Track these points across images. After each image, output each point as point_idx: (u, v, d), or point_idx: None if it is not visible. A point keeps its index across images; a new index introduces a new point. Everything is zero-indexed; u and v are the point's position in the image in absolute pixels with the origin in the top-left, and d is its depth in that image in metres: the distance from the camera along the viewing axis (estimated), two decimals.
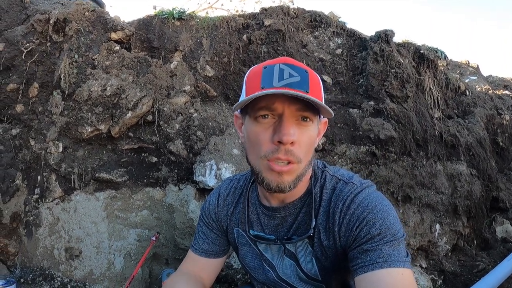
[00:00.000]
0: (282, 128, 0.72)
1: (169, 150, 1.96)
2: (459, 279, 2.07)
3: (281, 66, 0.74)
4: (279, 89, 0.70)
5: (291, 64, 0.75)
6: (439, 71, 2.51)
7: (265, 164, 0.75)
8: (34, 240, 1.90)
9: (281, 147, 0.72)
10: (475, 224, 2.46)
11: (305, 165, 0.77)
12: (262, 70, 0.76)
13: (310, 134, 0.76)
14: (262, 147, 0.75)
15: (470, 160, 2.47)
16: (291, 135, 0.71)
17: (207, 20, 2.15)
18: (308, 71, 0.75)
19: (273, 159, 0.74)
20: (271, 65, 0.76)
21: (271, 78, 0.73)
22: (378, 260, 0.70)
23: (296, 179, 0.76)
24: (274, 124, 0.74)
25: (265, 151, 0.74)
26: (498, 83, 3.56)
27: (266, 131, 0.75)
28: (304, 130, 0.75)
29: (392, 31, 2.28)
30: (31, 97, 1.95)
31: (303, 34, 2.32)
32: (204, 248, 1.00)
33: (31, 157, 1.92)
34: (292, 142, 0.72)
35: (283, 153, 0.73)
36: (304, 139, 0.75)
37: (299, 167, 0.76)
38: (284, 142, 0.71)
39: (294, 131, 0.72)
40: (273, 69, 0.74)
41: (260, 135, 0.75)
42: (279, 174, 0.75)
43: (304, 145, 0.75)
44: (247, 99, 0.72)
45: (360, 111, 2.17)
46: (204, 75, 2.12)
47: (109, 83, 1.90)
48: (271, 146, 0.74)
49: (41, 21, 1.90)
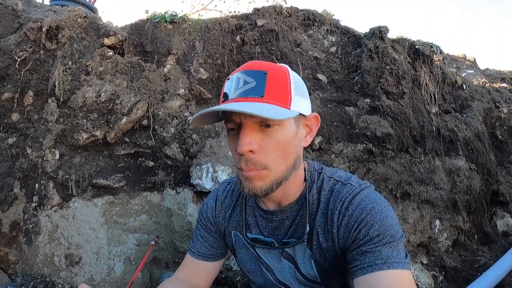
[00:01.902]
0: (239, 139, 0.73)
1: (165, 154, 1.96)
2: (461, 274, 2.06)
3: (238, 74, 0.76)
4: (232, 101, 0.73)
5: (249, 69, 0.75)
6: (435, 66, 2.50)
7: (238, 172, 0.80)
8: (34, 247, 1.91)
9: (242, 157, 0.74)
10: (475, 218, 2.44)
11: (281, 168, 0.76)
12: (225, 82, 0.78)
13: (278, 138, 0.74)
14: (234, 157, 0.79)
15: (469, 155, 2.45)
16: (245, 145, 0.72)
17: (199, 23, 2.15)
18: (267, 72, 0.74)
19: (240, 168, 0.77)
20: (233, 75, 0.78)
21: (230, 89, 0.76)
22: (377, 261, 0.70)
23: (270, 184, 0.76)
24: (237, 134, 0.76)
25: (235, 161, 0.78)
26: (495, 76, 3.53)
27: (233, 142, 0.77)
28: (269, 136, 0.74)
29: (386, 27, 2.27)
30: (26, 106, 1.95)
31: (296, 33, 2.31)
32: (202, 251, 1.01)
33: (28, 165, 1.92)
34: (252, 151, 0.73)
35: (243, 162, 0.75)
36: (270, 144, 0.74)
37: (270, 172, 0.75)
38: (239, 152, 0.73)
39: (250, 140, 0.72)
40: (233, 79, 0.76)
41: (231, 146, 0.79)
42: (249, 180, 0.76)
43: (270, 150, 0.74)
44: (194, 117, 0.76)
45: (356, 109, 2.16)
46: (198, 78, 2.12)
47: (103, 89, 1.90)
48: (237, 156, 0.76)
49: (33, 29, 1.90)
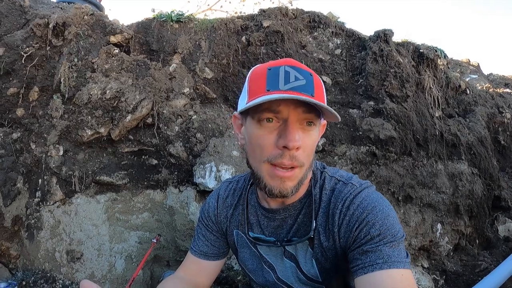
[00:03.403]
0: (288, 133, 0.70)
1: (169, 152, 1.97)
2: (461, 279, 2.06)
3: (287, 68, 0.72)
4: (286, 93, 0.68)
5: (296, 66, 0.73)
6: (439, 70, 2.50)
7: (267, 168, 0.74)
8: (35, 243, 1.91)
9: (286, 153, 0.71)
10: (477, 223, 2.44)
11: (306, 168, 0.77)
12: (266, 72, 0.73)
13: (313, 138, 0.76)
14: (265, 151, 0.73)
15: (472, 159, 2.46)
16: (297, 140, 0.70)
17: (205, 22, 2.16)
18: (312, 74, 0.74)
19: (277, 164, 0.73)
20: (275, 66, 0.73)
21: (276, 80, 0.71)
22: (378, 261, 0.70)
23: (298, 184, 0.76)
24: (279, 128, 0.72)
25: (269, 155, 0.73)
26: (499, 81, 3.54)
27: (270, 134, 0.73)
28: (309, 135, 0.74)
29: (391, 31, 2.28)
30: (31, 101, 1.96)
31: (301, 35, 2.32)
32: (203, 250, 1.01)
33: (32, 160, 1.93)
34: (297, 148, 0.71)
35: (287, 158, 0.71)
36: (308, 143, 0.74)
37: (301, 171, 0.75)
38: (290, 148, 0.70)
39: (299, 137, 0.71)
40: (278, 71, 0.72)
41: (264, 138, 0.73)
42: (281, 180, 0.74)
43: (308, 149, 0.75)
44: (256, 103, 0.69)
45: (359, 111, 2.16)
46: (203, 77, 2.13)
47: (108, 86, 1.91)
48: (276, 151, 0.72)
49: (40, 25, 1.90)
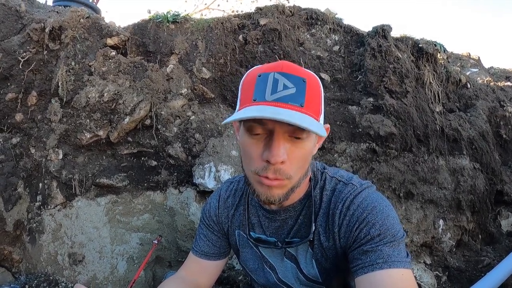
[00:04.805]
0: (271, 148, 0.69)
1: (168, 153, 1.97)
2: (464, 274, 2.05)
3: (276, 75, 0.70)
4: (270, 105, 0.67)
5: (287, 72, 0.70)
6: (439, 64, 2.48)
7: (255, 178, 0.75)
8: (37, 246, 1.92)
9: (270, 166, 0.70)
10: (479, 218, 2.43)
11: (298, 177, 0.76)
12: (256, 78, 0.72)
13: (306, 148, 0.73)
14: (253, 161, 0.73)
15: (473, 154, 2.44)
16: (279, 156, 0.69)
17: (201, 22, 2.15)
18: (306, 80, 0.70)
19: (262, 176, 0.72)
20: (265, 73, 0.71)
21: (263, 89, 0.69)
22: (378, 261, 0.70)
23: (287, 192, 0.75)
24: (265, 140, 0.71)
25: (256, 167, 0.73)
26: (500, 75, 3.50)
27: (257, 145, 0.72)
28: (297, 147, 0.72)
29: (389, 26, 2.25)
30: (30, 106, 1.96)
31: (299, 32, 2.31)
32: (205, 250, 1.01)
33: (32, 165, 1.93)
34: (282, 162, 0.70)
35: (271, 172, 0.71)
36: (297, 155, 0.72)
37: (290, 182, 0.74)
38: (272, 162, 0.69)
39: (284, 151, 0.70)
40: (267, 78, 0.70)
41: (251, 149, 0.73)
42: (269, 188, 0.74)
43: (296, 161, 0.73)
44: (235, 119, 0.69)
45: (359, 108, 2.15)
46: (200, 77, 2.12)
47: (106, 89, 1.91)
48: (261, 163, 0.72)
49: (37, 30, 1.90)
